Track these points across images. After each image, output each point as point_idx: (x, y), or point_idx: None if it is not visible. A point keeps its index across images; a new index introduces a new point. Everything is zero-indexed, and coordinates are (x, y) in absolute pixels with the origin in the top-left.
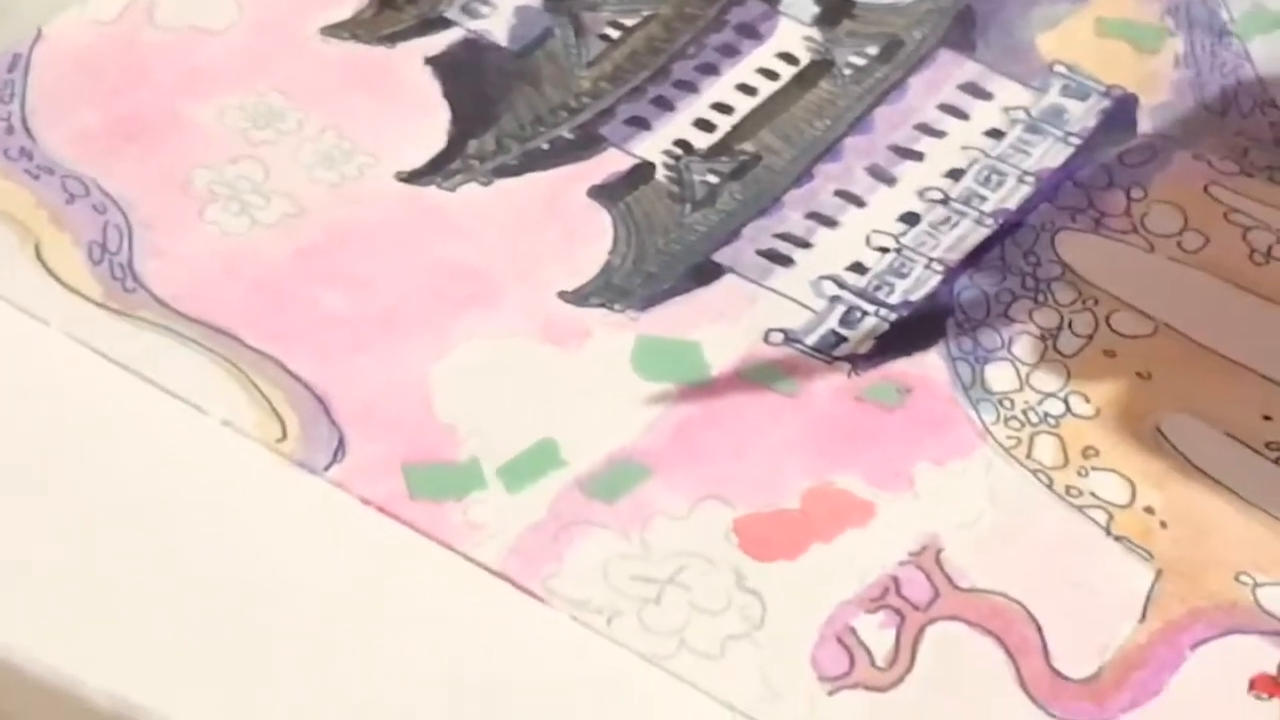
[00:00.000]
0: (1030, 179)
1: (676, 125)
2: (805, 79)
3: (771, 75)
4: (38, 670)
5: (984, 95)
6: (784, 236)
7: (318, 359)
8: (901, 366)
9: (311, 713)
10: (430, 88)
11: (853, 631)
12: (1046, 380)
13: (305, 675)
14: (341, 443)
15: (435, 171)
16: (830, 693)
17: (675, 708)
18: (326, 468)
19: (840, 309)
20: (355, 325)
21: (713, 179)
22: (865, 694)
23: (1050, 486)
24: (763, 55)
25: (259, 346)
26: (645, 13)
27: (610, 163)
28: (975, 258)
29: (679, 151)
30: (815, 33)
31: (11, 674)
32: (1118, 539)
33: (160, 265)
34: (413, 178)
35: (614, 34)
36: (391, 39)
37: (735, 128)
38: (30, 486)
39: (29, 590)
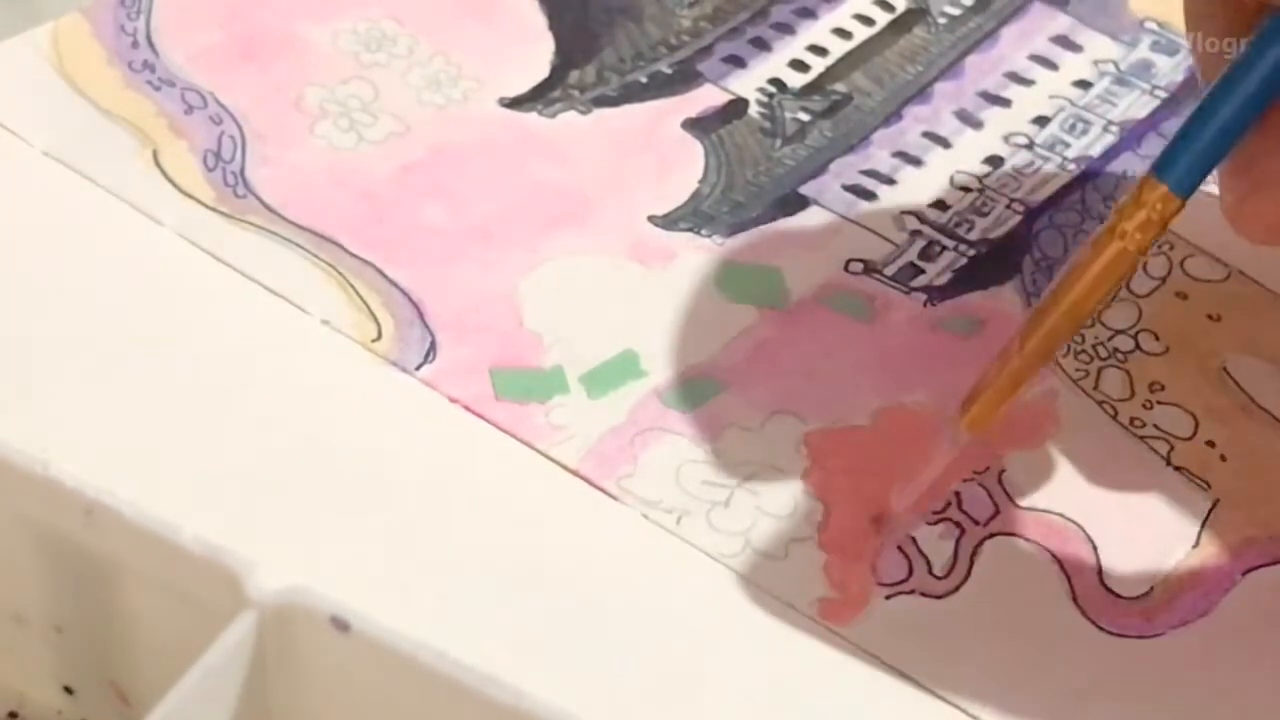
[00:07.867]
0: (1115, 129)
1: (772, 65)
2: (900, 25)
3: (867, 21)
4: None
5: (1074, 48)
6: (870, 173)
7: (414, 267)
8: (977, 299)
9: (393, 587)
10: (536, 20)
11: (913, 541)
12: (1118, 317)
13: (386, 552)
14: (433, 345)
15: (537, 99)
16: (888, 597)
17: (737, 606)
18: (418, 367)
19: (920, 243)
20: (451, 237)
21: (804, 116)
22: (921, 600)
23: (1115, 417)
24: (860, 1)
25: (359, 253)
26: None
27: (705, 98)
28: (1056, 200)
29: (772, 89)
30: None
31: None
32: (1177, 469)
33: (270, 174)
34: (515, 104)
35: None
36: None
37: (829, 69)
38: (139, 371)
39: (137, 469)
